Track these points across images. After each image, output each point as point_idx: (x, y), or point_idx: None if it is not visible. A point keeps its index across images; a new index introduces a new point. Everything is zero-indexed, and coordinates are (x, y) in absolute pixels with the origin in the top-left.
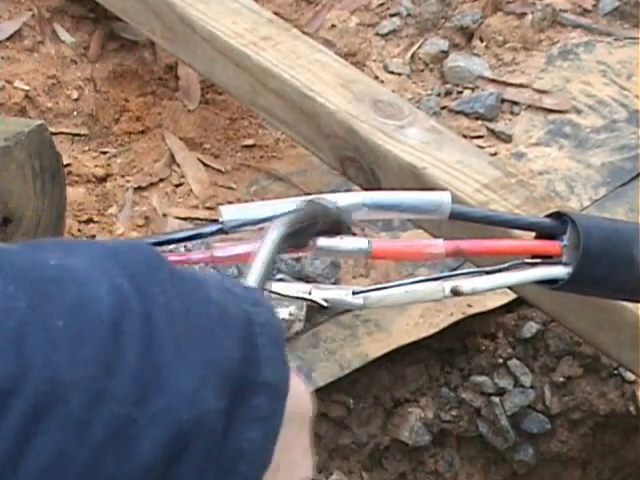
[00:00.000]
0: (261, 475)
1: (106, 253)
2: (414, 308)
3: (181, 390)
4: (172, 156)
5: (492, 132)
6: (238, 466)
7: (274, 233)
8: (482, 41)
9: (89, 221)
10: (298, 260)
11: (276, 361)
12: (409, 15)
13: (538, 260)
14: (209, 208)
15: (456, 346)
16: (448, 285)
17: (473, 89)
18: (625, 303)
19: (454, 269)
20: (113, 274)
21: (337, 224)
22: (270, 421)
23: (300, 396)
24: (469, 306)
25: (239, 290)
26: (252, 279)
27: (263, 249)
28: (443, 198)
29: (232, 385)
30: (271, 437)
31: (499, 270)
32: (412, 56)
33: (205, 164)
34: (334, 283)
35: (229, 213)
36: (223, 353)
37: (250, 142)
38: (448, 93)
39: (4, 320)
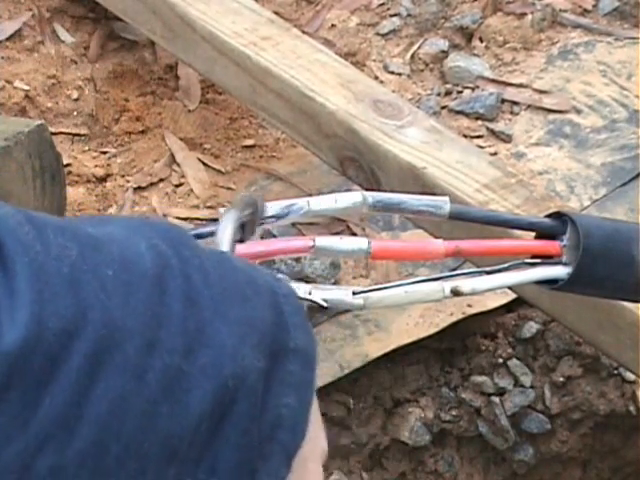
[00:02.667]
0: (300, 444)
1: (137, 222)
2: (414, 308)
3: (224, 345)
4: (172, 156)
5: (492, 132)
6: (278, 433)
7: (227, 223)
8: (482, 41)
9: None
10: (298, 260)
11: (303, 329)
12: (409, 15)
13: (538, 260)
14: (209, 208)
15: (456, 346)
16: (448, 285)
17: (473, 89)
18: (625, 303)
19: (454, 269)
20: (148, 236)
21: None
22: (304, 388)
23: None
24: (469, 306)
25: (257, 266)
26: None
27: (222, 237)
28: (442, 200)
29: (268, 347)
30: (306, 405)
31: (499, 270)
32: (412, 56)
33: (205, 164)
34: (334, 283)
35: None
36: (257, 315)
37: (250, 142)
38: (448, 93)
39: (59, 266)
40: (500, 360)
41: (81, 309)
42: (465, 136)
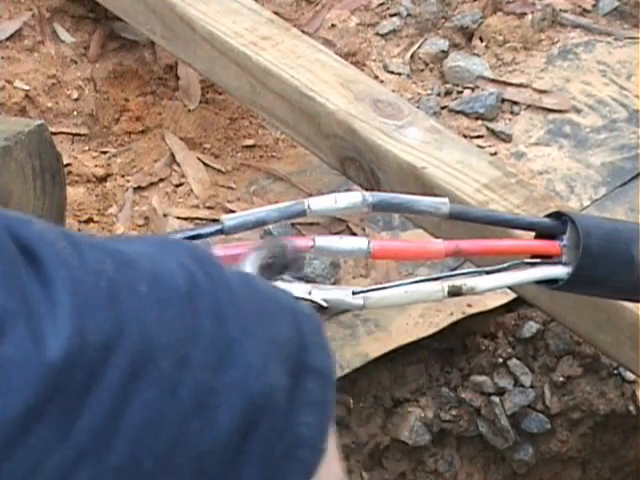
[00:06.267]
0: (319, 463)
1: (161, 240)
2: (414, 308)
3: (250, 363)
4: (172, 156)
5: (492, 132)
6: (298, 452)
7: (250, 264)
8: (482, 41)
9: (89, 221)
10: None
11: (322, 349)
12: (409, 15)
13: (538, 260)
14: (209, 208)
15: (456, 346)
16: (448, 285)
17: (473, 89)
18: (625, 303)
19: (454, 269)
20: (176, 254)
21: (293, 263)
22: (324, 407)
23: None
24: (469, 306)
25: (277, 286)
26: None
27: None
28: (442, 200)
29: (291, 365)
30: (325, 424)
31: (499, 270)
32: (412, 56)
33: (205, 164)
34: (334, 283)
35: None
36: (282, 333)
37: (250, 142)
38: (448, 93)
39: (97, 280)
40: (500, 360)
41: (119, 323)
42: (465, 136)
